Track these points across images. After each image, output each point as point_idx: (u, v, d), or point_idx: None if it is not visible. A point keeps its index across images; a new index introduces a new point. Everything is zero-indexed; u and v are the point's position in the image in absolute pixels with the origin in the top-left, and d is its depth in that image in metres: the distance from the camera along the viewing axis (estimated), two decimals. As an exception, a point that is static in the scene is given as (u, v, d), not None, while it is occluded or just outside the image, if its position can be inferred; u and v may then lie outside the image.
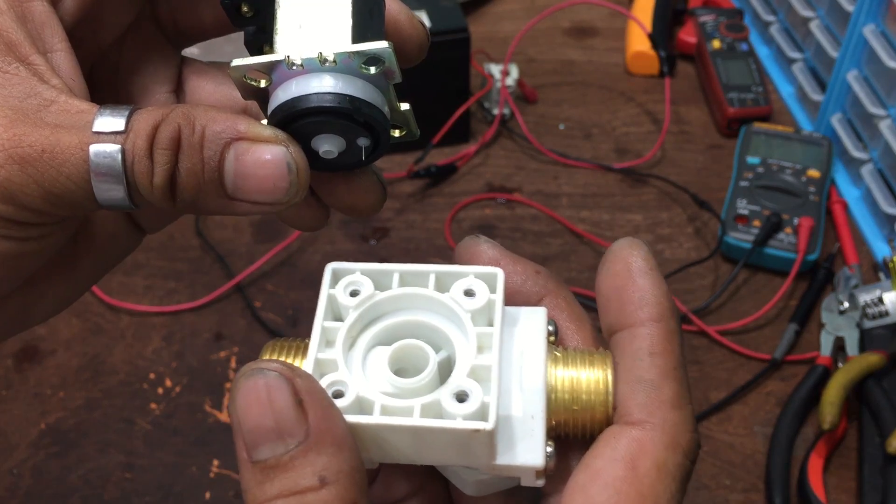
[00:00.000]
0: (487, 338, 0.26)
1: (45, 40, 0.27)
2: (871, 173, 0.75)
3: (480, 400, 0.24)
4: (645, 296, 0.27)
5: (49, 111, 0.26)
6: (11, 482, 0.59)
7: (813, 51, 0.85)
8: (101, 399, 0.64)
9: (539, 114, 0.88)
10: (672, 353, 0.26)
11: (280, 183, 0.26)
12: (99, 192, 0.26)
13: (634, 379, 0.26)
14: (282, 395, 0.23)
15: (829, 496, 0.57)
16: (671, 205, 0.79)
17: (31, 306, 0.30)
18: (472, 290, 0.27)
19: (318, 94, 0.26)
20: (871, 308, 0.64)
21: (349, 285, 0.27)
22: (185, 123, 0.26)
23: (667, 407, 0.25)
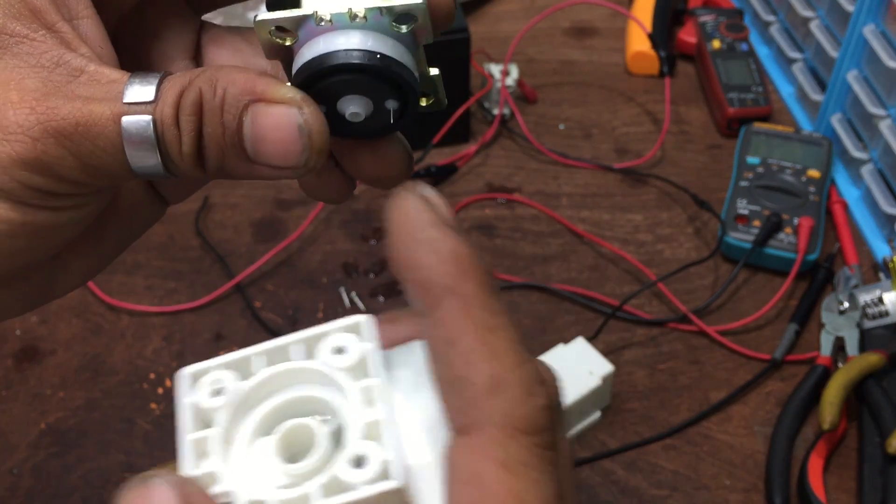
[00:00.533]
0: (369, 391, 0.23)
1: (70, 7, 0.27)
2: (871, 173, 0.75)
3: (380, 459, 0.22)
4: (424, 273, 0.22)
5: (79, 81, 0.26)
6: (11, 482, 0.59)
7: (813, 51, 0.85)
8: (101, 399, 0.64)
9: (539, 114, 0.88)
10: (473, 329, 0.22)
11: (292, 147, 0.25)
12: (134, 162, 0.25)
13: (444, 380, 0.22)
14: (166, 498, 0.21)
15: (829, 496, 0.57)
16: (671, 205, 0.79)
17: (55, 278, 0.30)
18: (341, 346, 0.24)
19: (347, 51, 0.25)
20: (871, 308, 0.64)
21: (210, 385, 0.24)
22: (207, 87, 0.25)
23: (482, 398, 0.21)
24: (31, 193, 0.25)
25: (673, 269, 0.71)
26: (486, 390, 0.21)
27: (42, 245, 0.27)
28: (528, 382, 0.22)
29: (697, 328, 0.68)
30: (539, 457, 0.21)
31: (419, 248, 0.22)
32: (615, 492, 0.59)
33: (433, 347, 0.23)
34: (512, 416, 0.21)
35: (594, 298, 0.70)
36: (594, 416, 0.62)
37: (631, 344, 0.67)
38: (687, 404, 0.63)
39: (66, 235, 0.28)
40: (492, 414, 0.21)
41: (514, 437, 0.21)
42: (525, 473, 0.21)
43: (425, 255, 0.22)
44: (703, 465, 0.60)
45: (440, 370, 0.22)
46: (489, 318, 0.22)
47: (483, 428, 0.21)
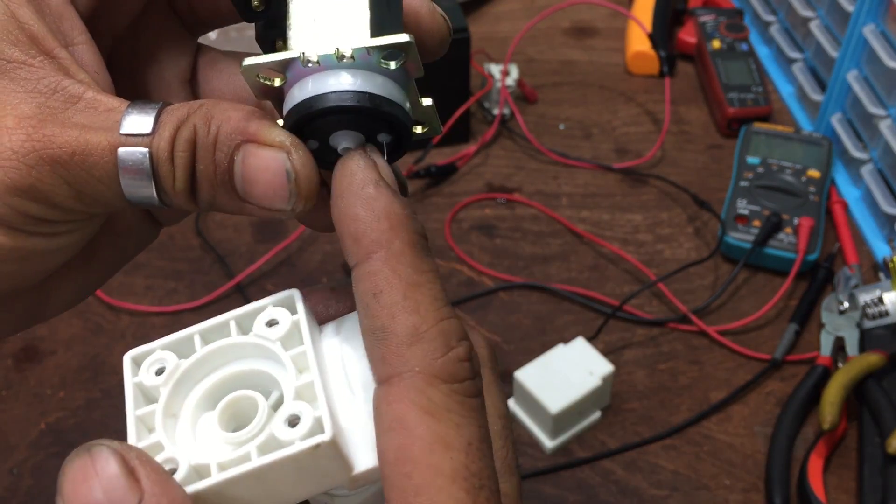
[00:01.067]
0: (302, 357, 0.25)
1: (64, 33, 0.27)
2: (871, 173, 0.75)
3: (312, 416, 0.23)
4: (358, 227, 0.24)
5: (76, 108, 0.25)
6: (11, 482, 0.59)
7: (813, 51, 0.85)
8: (101, 399, 0.64)
9: (539, 114, 0.88)
10: (397, 282, 0.23)
11: (279, 191, 0.25)
12: (128, 192, 0.25)
13: (367, 332, 0.23)
14: (109, 465, 0.21)
15: (829, 496, 0.57)
16: (671, 205, 0.79)
17: (46, 299, 0.30)
18: (273, 319, 0.26)
19: (336, 93, 0.25)
20: (871, 308, 0.64)
21: (152, 365, 0.25)
22: (202, 123, 0.25)
23: (402, 348, 0.23)
24: (24, 219, 0.25)
25: (673, 269, 0.71)
26: (407, 340, 0.23)
27: (32, 269, 0.27)
28: (447, 335, 0.23)
29: (697, 328, 0.68)
30: (460, 403, 0.22)
31: (356, 203, 0.24)
32: (615, 492, 0.59)
33: (360, 299, 0.24)
34: (431, 364, 0.22)
35: (594, 298, 0.70)
36: (594, 416, 0.62)
37: (631, 344, 0.67)
38: (687, 404, 0.63)
39: (56, 260, 0.28)
40: (412, 362, 0.22)
41: (434, 384, 0.22)
42: (447, 417, 0.22)
43: (361, 209, 0.24)
44: (703, 465, 0.60)
45: (365, 322, 0.23)
46: (414, 275, 0.23)
47: (403, 376, 0.22)
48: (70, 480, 0.21)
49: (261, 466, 0.23)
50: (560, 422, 0.60)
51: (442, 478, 0.22)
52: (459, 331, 0.23)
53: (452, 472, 0.22)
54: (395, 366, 0.23)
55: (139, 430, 0.24)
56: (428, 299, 0.23)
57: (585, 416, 0.62)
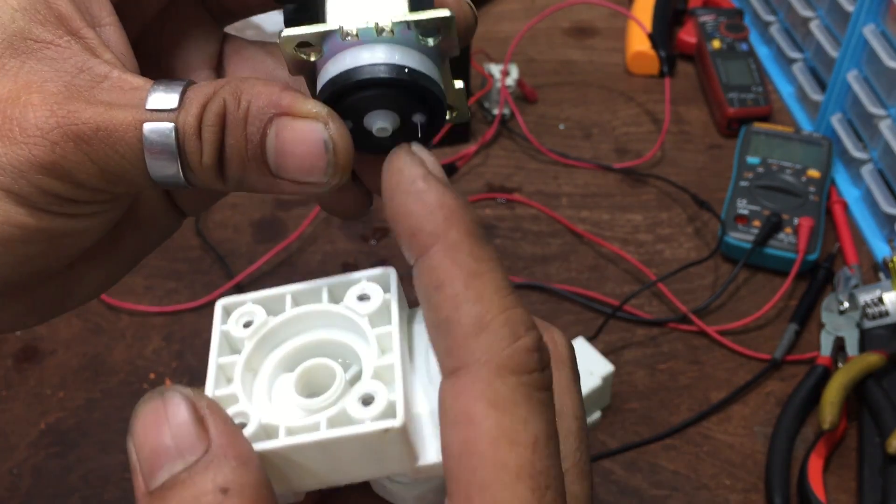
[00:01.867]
0: (387, 337, 0.25)
1: (93, 14, 0.27)
2: (871, 173, 0.75)
3: (386, 399, 0.23)
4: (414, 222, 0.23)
5: (102, 87, 0.25)
6: (11, 482, 0.59)
7: (813, 51, 0.85)
8: (101, 399, 0.64)
9: (539, 114, 0.88)
10: (458, 273, 0.22)
11: (317, 162, 0.25)
12: (153, 170, 0.25)
13: (433, 324, 0.23)
14: (180, 411, 0.22)
15: (829, 496, 0.57)
16: (671, 205, 0.79)
17: (71, 287, 0.30)
18: (365, 294, 0.26)
19: (373, 66, 0.25)
20: (871, 308, 0.64)
21: (241, 317, 0.26)
22: (231, 98, 0.25)
23: (468, 338, 0.22)
24: (48, 199, 0.25)
25: (673, 269, 0.71)
26: (472, 331, 0.22)
27: (57, 252, 0.27)
28: (513, 324, 0.22)
29: (697, 328, 0.68)
30: (526, 396, 0.22)
31: (408, 198, 0.23)
32: (615, 492, 0.59)
33: (422, 294, 0.23)
34: (498, 355, 0.22)
35: (594, 298, 0.70)
36: (594, 416, 0.62)
37: (631, 344, 0.67)
38: (687, 404, 0.63)
39: (81, 243, 0.28)
40: (478, 353, 0.22)
41: (501, 375, 0.22)
42: (513, 411, 0.21)
43: (414, 204, 0.23)
44: (703, 465, 0.60)
45: (429, 316, 0.23)
46: (474, 264, 0.23)
47: (469, 368, 0.22)
48: (141, 423, 0.22)
49: (327, 439, 0.23)
50: (560, 422, 0.60)
51: (507, 474, 0.21)
52: (527, 320, 0.23)
53: (517, 468, 0.21)
54: (461, 357, 0.22)
55: (218, 378, 0.25)
56: (491, 288, 0.22)
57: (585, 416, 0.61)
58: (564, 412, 0.25)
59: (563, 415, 0.25)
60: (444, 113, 0.27)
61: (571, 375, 0.26)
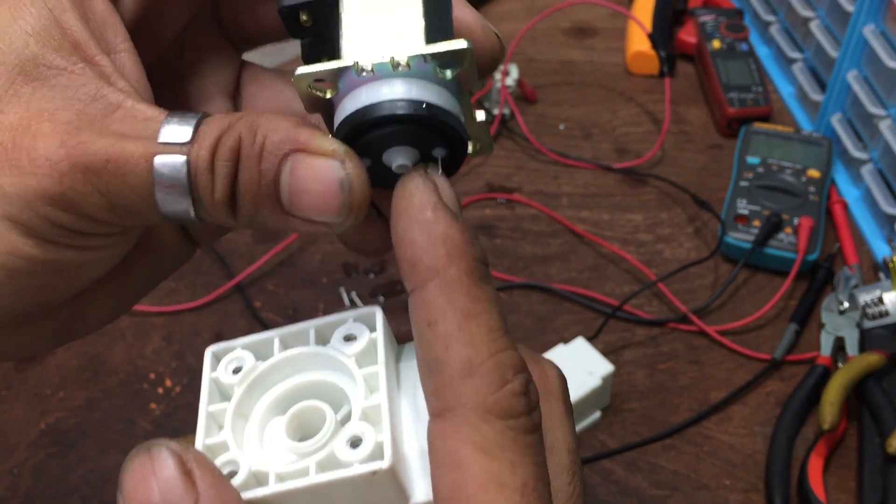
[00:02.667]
0: (374, 377, 0.25)
1: (108, 40, 0.26)
2: (871, 173, 0.75)
3: (374, 441, 0.23)
4: (415, 252, 0.23)
5: (115, 117, 0.25)
6: (11, 482, 0.59)
7: (813, 51, 0.85)
8: (101, 399, 0.64)
9: (539, 114, 0.88)
10: (452, 312, 0.22)
11: (332, 201, 0.24)
12: (163, 204, 0.24)
13: (422, 361, 0.23)
14: (167, 466, 0.21)
15: (829, 496, 0.57)
16: (671, 205, 0.79)
17: (79, 316, 0.29)
18: (352, 334, 0.25)
19: (391, 102, 0.24)
20: (871, 308, 0.64)
21: (231, 363, 0.26)
22: (247, 133, 0.24)
23: (458, 381, 0.22)
24: (55, 230, 0.24)
25: (673, 269, 0.71)
26: (460, 374, 0.22)
27: (64, 284, 0.26)
28: (502, 368, 0.22)
29: (697, 328, 0.68)
30: (514, 439, 0.22)
31: (414, 227, 0.23)
32: (615, 492, 0.59)
33: (415, 327, 0.23)
34: (485, 399, 0.22)
35: (594, 298, 0.70)
36: (594, 416, 0.62)
37: (631, 344, 0.67)
38: (687, 404, 0.63)
39: (89, 275, 0.27)
40: (465, 397, 0.22)
41: (488, 420, 0.22)
42: (501, 455, 0.21)
43: (418, 234, 0.23)
44: (703, 465, 0.60)
45: (419, 352, 0.23)
46: (470, 304, 0.22)
47: (457, 411, 0.22)
48: (129, 479, 0.22)
49: (317, 484, 0.23)
50: (560, 422, 0.60)
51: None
52: (517, 363, 0.23)
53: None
54: (449, 400, 0.22)
55: (209, 425, 0.25)
56: (483, 330, 0.22)
57: (585, 416, 0.62)
58: (556, 446, 0.24)
59: (555, 449, 0.24)
60: (466, 147, 0.26)
61: (563, 408, 0.26)
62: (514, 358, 0.23)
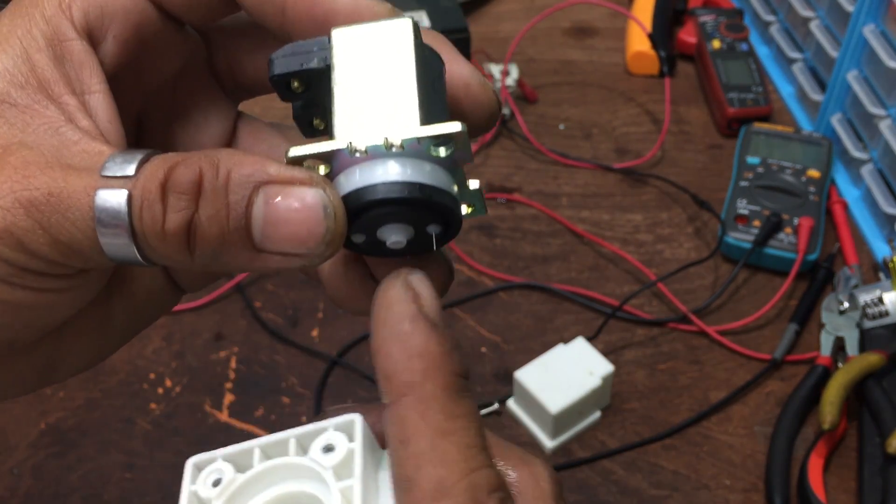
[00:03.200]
0: (349, 491, 0.24)
1: (82, 81, 0.26)
2: (871, 173, 0.75)
3: None
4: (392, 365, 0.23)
5: (69, 152, 0.24)
6: (11, 482, 0.59)
7: (813, 51, 0.85)
8: (101, 399, 0.64)
9: (539, 114, 0.88)
10: (426, 430, 0.22)
11: (316, 229, 0.23)
12: (105, 243, 0.23)
13: (396, 481, 0.22)
14: None
15: (829, 496, 0.57)
16: (671, 205, 0.79)
17: (58, 361, 0.29)
18: (331, 444, 0.25)
19: (386, 185, 0.24)
20: (871, 308, 0.64)
21: (210, 475, 0.25)
22: (208, 166, 0.23)
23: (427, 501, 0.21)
24: (9, 270, 0.24)
25: (673, 269, 0.71)
26: (431, 496, 0.21)
27: (29, 324, 0.26)
28: (475, 489, 0.21)
29: (697, 328, 0.68)
30: None
31: (390, 340, 0.23)
32: (615, 492, 0.59)
33: (389, 443, 0.23)
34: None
35: (594, 298, 0.70)
36: (594, 416, 0.62)
37: (631, 344, 0.67)
38: (687, 404, 0.63)
39: (51, 318, 0.26)
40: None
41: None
42: None
43: (395, 347, 0.22)
44: (703, 465, 0.60)
45: (394, 469, 0.22)
46: (444, 422, 0.22)
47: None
48: None
49: None
50: (560, 422, 0.60)
51: None
52: (492, 482, 0.22)
53: None
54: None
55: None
56: (456, 448, 0.22)
57: (585, 416, 0.62)
58: None
59: None
60: (459, 223, 0.26)
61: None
62: (489, 477, 0.22)
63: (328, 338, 0.68)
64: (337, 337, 0.68)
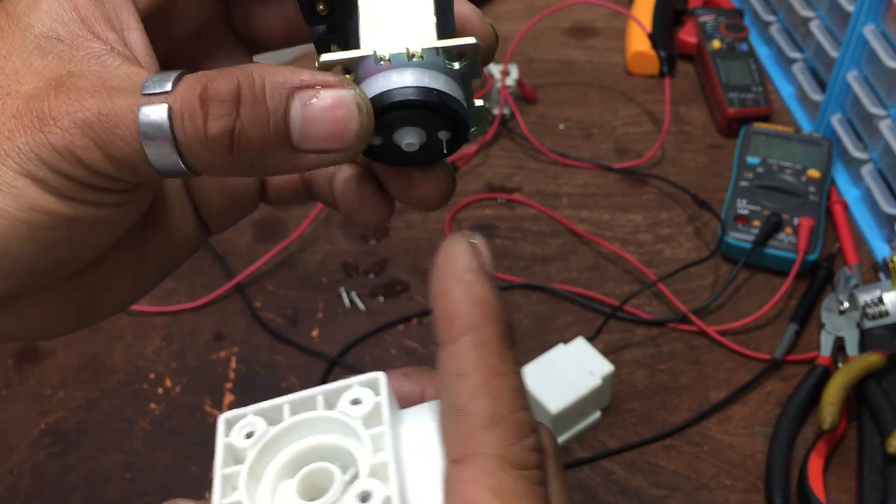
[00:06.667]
0: (379, 437, 0.26)
1: (121, 19, 0.28)
2: (871, 173, 0.75)
3: (383, 495, 0.24)
4: (455, 307, 0.25)
5: (111, 75, 0.26)
6: (11, 482, 0.59)
7: (813, 51, 0.85)
8: (101, 399, 0.64)
9: (539, 114, 0.88)
10: (482, 367, 0.24)
11: (350, 124, 0.26)
12: (151, 155, 0.26)
13: (447, 408, 0.25)
14: None
15: (829, 496, 0.57)
16: (671, 205, 0.79)
17: (99, 296, 0.31)
18: (358, 398, 0.27)
19: (404, 89, 0.27)
20: (871, 308, 0.64)
21: (243, 428, 0.27)
22: (244, 77, 0.26)
23: (479, 430, 0.24)
24: (71, 185, 0.26)
25: (673, 269, 0.71)
26: (484, 423, 0.24)
27: (83, 241, 0.28)
28: (521, 425, 0.24)
29: (697, 328, 0.68)
30: (528, 489, 0.23)
31: (455, 285, 0.25)
32: (615, 492, 0.59)
33: (444, 377, 0.25)
34: (504, 450, 0.23)
35: (594, 298, 0.70)
36: (594, 416, 0.62)
37: (631, 344, 0.67)
38: (687, 404, 0.63)
39: (107, 234, 0.29)
40: (486, 446, 0.23)
41: (505, 469, 0.23)
42: (515, 501, 0.23)
43: (459, 291, 0.25)
44: (703, 465, 0.60)
45: (446, 399, 0.25)
46: (498, 364, 0.24)
47: (477, 458, 0.23)
48: None
49: None
50: (560, 422, 0.60)
51: None
52: (531, 423, 0.24)
53: None
54: (471, 446, 0.23)
55: (224, 487, 0.26)
56: (507, 388, 0.24)
57: (585, 416, 0.62)
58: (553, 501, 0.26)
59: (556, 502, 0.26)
60: (468, 130, 0.29)
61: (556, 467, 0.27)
62: (529, 418, 0.24)
63: (328, 338, 0.68)
64: (337, 337, 0.68)
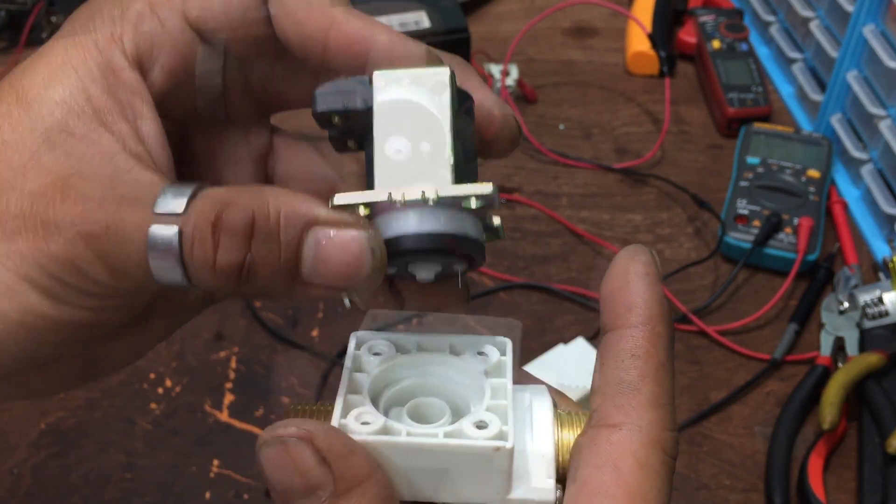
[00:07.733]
0: (501, 388, 0.27)
1: (134, 108, 0.28)
2: (871, 173, 0.75)
3: (499, 426, 0.26)
4: (636, 299, 0.27)
5: (122, 181, 0.26)
6: (11, 482, 0.59)
7: (813, 51, 0.85)
8: (101, 399, 0.64)
9: (539, 114, 0.88)
10: (654, 356, 0.26)
11: (362, 268, 0.26)
12: (157, 273, 0.25)
13: (615, 380, 0.26)
14: (304, 458, 0.24)
15: (829, 496, 0.57)
16: (671, 205, 0.79)
17: (99, 361, 0.31)
18: (484, 352, 0.29)
19: (422, 235, 0.27)
20: (871, 308, 0.64)
21: (373, 346, 0.29)
22: (259, 208, 0.25)
23: (643, 407, 0.26)
24: (69, 292, 0.26)
25: (673, 269, 0.71)
26: (649, 402, 0.26)
27: (80, 338, 0.28)
28: (672, 416, 0.27)
29: (697, 328, 0.68)
30: (665, 476, 0.25)
31: (639, 280, 0.28)
32: (615, 492, 0.59)
33: (617, 353, 0.27)
34: (659, 432, 0.26)
35: (594, 298, 0.70)
36: (594, 416, 0.62)
37: (631, 344, 0.67)
38: (687, 404, 0.63)
39: (104, 331, 0.29)
40: (645, 420, 0.26)
41: (654, 447, 0.25)
42: (655, 478, 0.25)
43: (642, 287, 0.27)
44: (703, 465, 0.60)
45: (614, 372, 0.27)
46: (665, 359, 0.27)
47: (634, 427, 0.25)
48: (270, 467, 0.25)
49: (443, 445, 0.25)
50: (560, 422, 0.60)
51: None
52: (676, 420, 0.27)
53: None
54: (631, 416, 0.26)
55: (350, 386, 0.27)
56: (669, 382, 0.26)
57: (585, 416, 0.61)
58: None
59: None
60: (483, 261, 0.29)
61: None
62: (675, 415, 0.27)
63: (328, 338, 0.68)
64: (337, 337, 0.68)
